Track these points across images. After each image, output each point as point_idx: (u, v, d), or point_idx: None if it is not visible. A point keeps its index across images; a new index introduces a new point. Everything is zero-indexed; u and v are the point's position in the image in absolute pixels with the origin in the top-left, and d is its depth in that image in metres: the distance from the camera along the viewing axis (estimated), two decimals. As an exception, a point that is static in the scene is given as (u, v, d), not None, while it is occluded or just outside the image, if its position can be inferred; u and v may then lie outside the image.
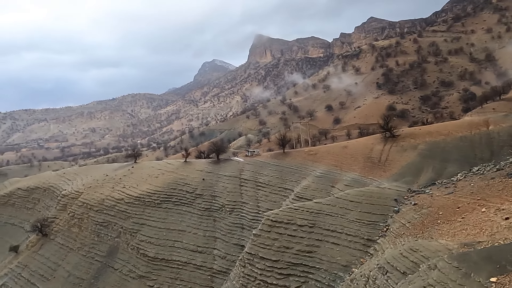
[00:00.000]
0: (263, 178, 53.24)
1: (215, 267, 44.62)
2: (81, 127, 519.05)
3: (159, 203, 53.57)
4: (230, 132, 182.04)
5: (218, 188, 54.18)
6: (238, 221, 48.76)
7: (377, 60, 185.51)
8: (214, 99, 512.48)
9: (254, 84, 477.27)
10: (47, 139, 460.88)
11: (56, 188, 67.74)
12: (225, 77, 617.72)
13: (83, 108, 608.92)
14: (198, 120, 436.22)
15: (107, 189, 59.56)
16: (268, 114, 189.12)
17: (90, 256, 51.48)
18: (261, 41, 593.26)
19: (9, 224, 68.96)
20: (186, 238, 48.18)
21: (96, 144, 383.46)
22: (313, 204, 37.08)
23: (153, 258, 46.70)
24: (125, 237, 51.29)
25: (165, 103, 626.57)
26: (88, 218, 55.59)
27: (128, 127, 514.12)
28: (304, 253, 32.29)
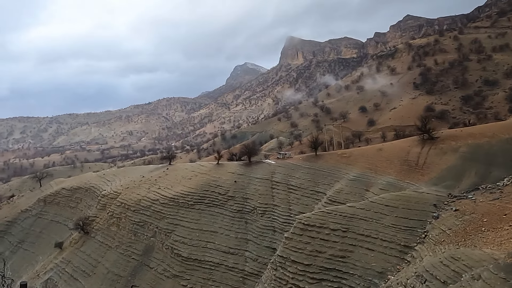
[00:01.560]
0: (295, 181, 52.80)
1: (246, 269, 44.77)
2: (119, 130, 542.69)
3: (192, 204, 54.70)
4: (261, 134, 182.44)
5: (249, 190, 54.43)
6: (269, 223, 48.67)
7: (414, 59, 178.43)
8: (245, 102, 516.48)
9: (285, 87, 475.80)
10: (89, 141, 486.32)
11: (96, 189, 71.21)
12: (257, 80, 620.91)
13: (122, 112, 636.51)
14: (230, 123, 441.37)
15: (143, 190, 61.73)
16: (300, 116, 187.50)
17: (127, 254, 53.48)
18: (292, 43, 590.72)
19: (54, 221, 73.30)
20: (218, 239, 48.78)
21: (133, 146, 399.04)
22: (346, 208, 36.24)
23: (186, 258, 47.68)
24: (160, 237, 52.79)
25: (198, 106, 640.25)
26: (126, 218, 57.83)
27: (163, 130, 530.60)
28: (337, 258, 31.60)
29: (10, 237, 74.66)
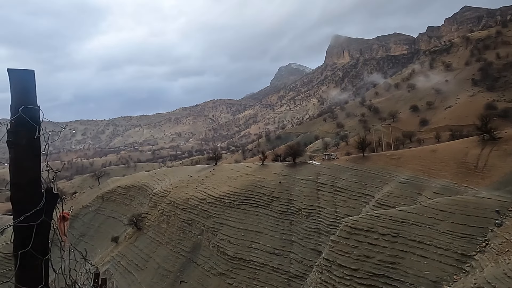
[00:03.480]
0: (341, 183, 51.47)
1: (291, 270, 44.47)
2: (169, 131, 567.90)
3: (237, 204, 55.57)
4: (306, 135, 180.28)
5: (294, 191, 54.05)
6: (315, 226, 47.92)
7: (472, 53, 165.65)
8: (290, 102, 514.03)
9: (331, 86, 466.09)
10: (141, 142, 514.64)
11: (148, 187, 75.10)
12: (301, 80, 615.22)
13: (171, 114, 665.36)
14: (274, 124, 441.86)
15: (191, 189, 63.92)
16: (346, 116, 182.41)
17: (176, 250, 55.69)
18: (338, 41, 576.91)
19: (111, 217, 78.53)
20: (263, 240, 49.00)
21: (181, 147, 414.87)
22: (396, 212, 34.56)
23: (232, 257, 48.50)
24: (207, 235, 54.29)
25: (243, 108, 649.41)
26: (175, 216, 60.26)
27: (209, 131, 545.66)
28: (386, 263, 30.23)
29: (73, 231, 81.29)
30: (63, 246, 2.45)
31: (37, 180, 2.03)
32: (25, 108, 1.99)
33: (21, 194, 1.94)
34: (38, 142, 2.04)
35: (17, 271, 1.81)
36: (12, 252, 1.88)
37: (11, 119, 1.98)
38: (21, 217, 1.85)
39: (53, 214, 2.16)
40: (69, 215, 2.45)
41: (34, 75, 2.11)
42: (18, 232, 1.89)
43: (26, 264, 1.87)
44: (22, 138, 1.98)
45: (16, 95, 2.05)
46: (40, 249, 1.93)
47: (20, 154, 1.98)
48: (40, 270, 1.90)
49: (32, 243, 1.86)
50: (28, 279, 1.87)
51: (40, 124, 2.08)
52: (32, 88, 2.10)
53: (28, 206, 1.90)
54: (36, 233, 1.88)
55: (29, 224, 1.86)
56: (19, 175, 1.97)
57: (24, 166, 1.98)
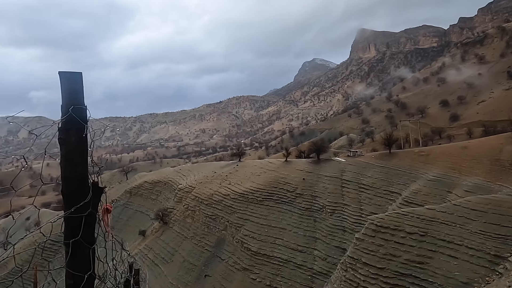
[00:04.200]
0: (367, 180, 50.53)
1: (315, 267, 44.26)
2: (193, 128, 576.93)
3: (261, 200, 55.79)
4: (330, 131, 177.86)
5: (318, 188, 53.61)
6: (339, 223, 47.39)
7: (508, 45, 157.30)
8: (314, 98, 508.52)
9: (356, 81, 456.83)
10: (167, 139, 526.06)
11: (173, 182, 76.79)
12: (326, 76, 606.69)
13: (195, 111, 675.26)
14: (298, 120, 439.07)
15: (215, 185, 64.78)
16: (372, 112, 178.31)
17: (201, 245, 56.72)
18: (364, 35, 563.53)
19: (138, 211, 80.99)
20: (287, 236, 49.00)
21: (205, 143, 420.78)
22: (425, 211, 33.56)
23: (255, 253, 48.84)
24: (230, 231, 54.92)
25: (266, 104, 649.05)
26: (200, 211, 61.32)
27: (233, 127, 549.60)
28: (414, 263, 29.47)
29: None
30: (106, 237, 2.61)
31: (85, 174, 2.19)
32: (75, 108, 2.14)
33: (71, 188, 2.10)
34: (86, 139, 2.19)
35: (68, 259, 1.96)
36: (63, 241, 2.03)
37: (62, 118, 2.14)
38: (71, 208, 2.00)
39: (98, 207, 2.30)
40: (112, 208, 2.59)
41: (82, 77, 2.26)
42: (68, 222, 2.05)
43: (76, 253, 2.02)
44: (72, 136, 2.13)
45: (66, 96, 2.21)
46: (88, 238, 2.08)
47: (70, 150, 2.13)
48: (88, 258, 2.05)
49: (81, 233, 2.00)
50: (78, 266, 2.02)
51: (87, 122, 2.22)
52: (80, 89, 2.25)
53: (77, 199, 2.05)
54: (84, 224, 2.02)
55: (79, 215, 2.01)
56: (69, 170, 2.13)
57: (74, 161, 2.14)
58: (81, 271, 2.00)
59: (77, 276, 1.96)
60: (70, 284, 1.96)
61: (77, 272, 1.97)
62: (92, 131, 2.34)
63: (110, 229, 2.61)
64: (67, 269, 2.00)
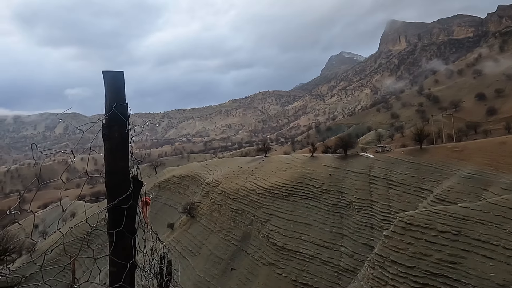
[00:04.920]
0: (396, 176, 49.16)
1: (342, 264, 43.76)
2: (219, 123, 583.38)
3: (287, 196, 55.70)
4: (358, 126, 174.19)
5: (345, 184, 52.78)
6: (366, 220, 46.50)
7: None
8: (341, 92, 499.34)
9: (385, 75, 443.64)
10: (194, 134, 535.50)
11: (200, 177, 78.17)
12: (353, 69, 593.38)
13: (221, 107, 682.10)
14: (324, 115, 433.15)
15: (241, 180, 65.32)
16: (402, 106, 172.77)
17: (227, 239, 57.53)
18: (394, 27, 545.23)
19: (167, 205, 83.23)
20: (313, 232, 48.70)
21: (231, 139, 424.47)
22: (458, 209, 32.27)
23: (281, 248, 48.93)
24: (256, 225, 55.29)
25: (292, 99, 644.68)
26: (226, 205, 62.12)
27: (259, 123, 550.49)
28: (445, 263, 28.48)
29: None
30: (144, 228, 2.73)
31: (126, 168, 2.31)
32: (117, 105, 2.26)
33: (114, 181, 2.22)
34: (127, 135, 2.30)
35: (113, 248, 2.09)
36: (107, 230, 2.16)
37: (105, 115, 2.27)
38: (114, 200, 2.12)
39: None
40: (150, 200, 2.71)
41: (123, 75, 2.37)
42: (111, 213, 2.18)
43: (119, 242, 2.15)
44: (115, 132, 2.25)
45: (109, 94, 2.33)
46: (130, 229, 2.20)
47: (113, 145, 2.25)
48: (130, 247, 2.17)
49: (124, 223, 2.12)
50: (120, 255, 2.14)
51: (128, 119, 2.34)
52: (122, 87, 2.37)
53: (119, 191, 2.17)
54: (126, 215, 2.14)
55: (121, 207, 2.13)
56: (112, 164, 2.25)
57: (116, 156, 2.26)
58: (124, 260, 2.12)
59: (120, 264, 2.08)
60: (113, 271, 2.09)
61: (120, 260, 2.09)
62: (132, 127, 2.46)
63: (148, 221, 2.73)
64: (111, 257, 2.13)
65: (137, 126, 2.59)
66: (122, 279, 2.03)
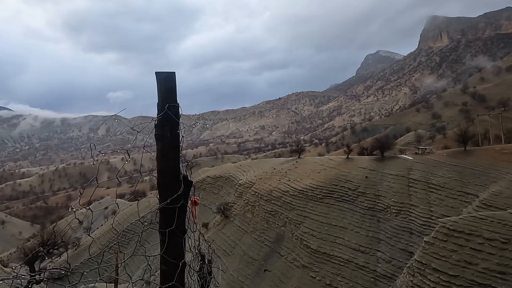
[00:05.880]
0: (437, 180, 46.79)
1: (378, 270, 42.33)
2: (253, 125, 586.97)
3: (321, 198, 54.84)
4: (396, 127, 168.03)
5: (382, 187, 51.04)
6: (405, 224, 44.63)
7: None
8: (378, 92, 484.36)
9: (425, 73, 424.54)
10: (227, 135, 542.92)
11: (234, 178, 79.00)
12: (391, 68, 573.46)
13: (255, 108, 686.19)
14: (360, 116, 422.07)
15: (274, 181, 65.21)
16: (444, 106, 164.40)
17: (260, 240, 57.65)
18: (435, 23, 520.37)
19: (201, 204, 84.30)
20: (348, 236, 47.54)
21: (265, 140, 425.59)
22: (507, 215, 30.12)
23: (315, 251, 48.24)
24: (290, 227, 54.93)
25: (326, 99, 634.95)
26: (259, 206, 62.28)
27: (292, 124, 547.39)
28: (493, 272, 26.67)
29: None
30: (194, 227, 2.78)
31: (177, 168, 2.38)
32: (170, 105, 2.33)
33: (166, 180, 2.29)
34: (179, 135, 2.36)
35: (165, 247, 2.15)
36: (158, 229, 2.23)
37: (158, 115, 2.34)
38: (166, 200, 2.19)
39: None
40: (199, 200, 2.76)
41: (175, 76, 2.44)
42: (163, 213, 2.24)
43: (170, 241, 2.21)
44: (167, 132, 2.33)
45: (162, 94, 2.41)
46: (180, 228, 2.26)
47: (165, 145, 2.33)
48: (181, 246, 2.22)
49: (175, 223, 2.18)
50: (172, 254, 2.20)
51: (179, 119, 2.40)
52: (174, 88, 2.44)
53: (170, 191, 2.23)
54: (177, 215, 2.19)
55: (173, 206, 2.19)
56: (164, 164, 2.33)
57: (168, 156, 2.33)
58: (175, 259, 2.17)
59: (171, 263, 2.13)
60: (164, 270, 2.15)
61: (171, 259, 2.14)
62: (183, 128, 2.52)
63: (197, 220, 2.78)
64: (162, 256, 2.19)
65: (188, 127, 2.65)
66: (175, 278, 2.08)
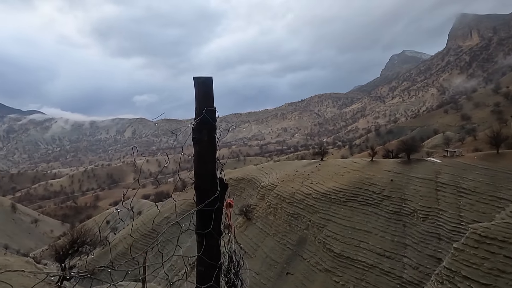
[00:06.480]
0: (468, 184, 44.99)
1: (405, 276, 41.11)
2: (275, 127, 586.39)
3: (344, 201, 53.97)
4: (423, 129, 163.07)
5: (408, 191, 49.61)
6: (433, 230, 43.15)
7: None
8: (403, 93, 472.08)
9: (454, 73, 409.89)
10: (250, 137, 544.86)
11: (256, 180, 79.13)
12: (417, 69, 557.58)
13: (277, 110, 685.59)
14: (385, 117, 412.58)
15: (297, 183, 64.80)
16: (474, 107, 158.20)
17: (282, 242, 57.37)
18: (464, 21, 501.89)
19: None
20: (372, 240, 46.50)
21: (287, 142, 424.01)
22: (545, 222, 28.52)
23: (338, 255, 47.49)
24: (312, 230, 54.37)
25: (350, 101, 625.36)
26: (281, 209, 62.05)
27: (315, 126, 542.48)
28: (529, 282, 25.30)
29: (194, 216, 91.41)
30: (229, 230, 2.84)
31: (214, 171, 2.44)
32: (207, 109, 2.40)
33: (203, 183, 2.37)
34: (215, 138, 2.44)
35: (203, 249, 2.21)
36: (195, 230, 2.30)
37: (195, 119, 2.42)
38: (203, 202, 2.26)
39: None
40: (233, 203, 2.82)
41: (212, 81, 2.52)
42: (200, 214, 2.31)
43: (207, 242, 2.27)
44: (204, 135, 2.40)
45: (199, 99, 2.49)
46: (217, 230, 2.32)
47: (203, 149, 2.41)
48: (217, 248, 2.28)
49: (212, 224, 2.24)
50: (208, 255, 2.27)
51: (216, 123, 2.48)
52: (211, 92, 2.52)
53: (207, 193, 2.30)
54: (214, 217, 2.25)
55: (210, 208, 2.25)
56: (201, 167, 2.40)
57: (205, 159, 2.41)
58: (212, 260, 2.23)
59: (208, 264, 2.19)
60: (200, 270, 2.21)
61: (209, 259, 2.20)
62: (219, 132, 2.59)
63: (232, 223, 2.83)
64: (199, 257, 2.25)
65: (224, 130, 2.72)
66: (213, 279, 2.13)
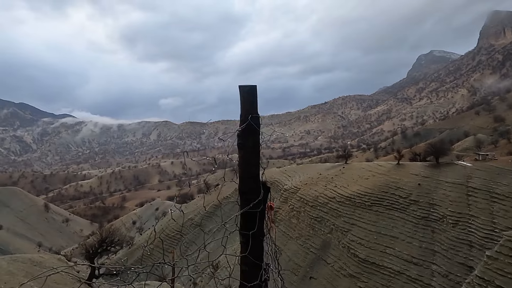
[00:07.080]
0: (501, 189, 42.97)
1: (433, 284, 39.72)
2: (298, 129, 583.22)
3: (369, 205, 52.89)
4: (452, 131, 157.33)
5: (437, 195, 47.95)
6: (464, 236, 41.48)
7: None
8: (431, 95, 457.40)
9: (486, 73, 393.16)
10: (272, 140, 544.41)
11: (279, 183, 78.93)
12: (446, 69, 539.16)
13: (300, 113, 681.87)
14: (412, 120, 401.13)
15: (320, 187, 64.13)
16: (508, 108, 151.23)
17: (306, 246, 56.87)
18: (497, 18, 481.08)
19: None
20: (399, 246, 45.26)
21: (310, 145, 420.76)
22: None
23: (363, 260, 46.55)
24: (336, 234, 53.59)
25: (375, 103, 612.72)
26: (305, 212, 61.58)
27: (339, 128, 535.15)
28: None
29: (216, 218, 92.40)
30: (271, 232, 2.93)
31: (258, 175, 2.55)
32: (252, 116, 2.51)
33: (248, 186, 2.48)
34: (259, 143, 2.54)
35: (250, 248, 2.31)
36: (239, 231, 2.40)
37: (241, 125, 2.54)
38: (248, 204, 2.36)
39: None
40: (274, 205, 2.91)
41: (257, 89, 2.64)
42: (244, 216, 2.42)
43: (252, 243, 2.37)
44: (249, 141, 2.51)
45: (244, 106, 2.61)
46: (260, 232, 2.42)
47: (247, 154, 2.52)
48: (261, 249, 2.38)
49: (256, 226, 2.34)
50: (253, 255, 2.37)
51: (259, 129, 2.58)
52: (256, 100, 2.64)
53: (251, 196, 2.41)
54: (258, 218, 2.35)
55: (254, 210, 2.36)
56: (246, 170, 2.52)
57: (250, 163, 2.52)
58: (257, 260, 2.32)
59: (252, 264, 2.30)
60: (244, 270, 2.32)
61: (255, 260, 2.30)
62: (262, 137, 2.69)
63: (273, 225, 2.92)
64: (244, 256, 2.35)
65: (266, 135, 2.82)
66: (258, 278, 2.23)
